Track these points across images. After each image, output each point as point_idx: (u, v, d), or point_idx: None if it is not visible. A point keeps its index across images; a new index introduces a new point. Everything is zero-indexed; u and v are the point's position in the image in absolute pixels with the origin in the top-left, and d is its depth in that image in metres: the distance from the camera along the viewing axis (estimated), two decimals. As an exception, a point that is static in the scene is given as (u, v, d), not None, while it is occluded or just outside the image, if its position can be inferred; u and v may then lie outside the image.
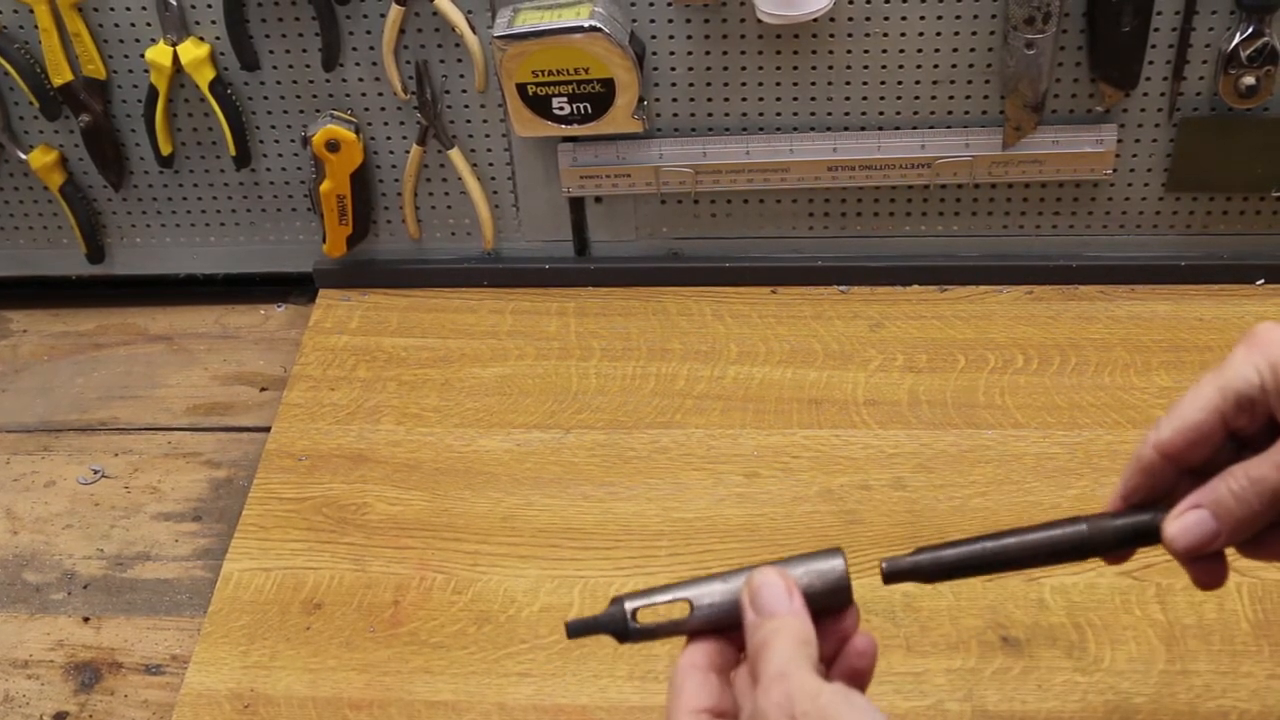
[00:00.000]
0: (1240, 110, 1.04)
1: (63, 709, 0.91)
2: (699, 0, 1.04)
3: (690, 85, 1.09)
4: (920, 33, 1.04)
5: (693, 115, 1.10)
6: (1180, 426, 0.64)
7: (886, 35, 1.04)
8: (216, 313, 1.22)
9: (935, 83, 1.07)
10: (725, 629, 0.63)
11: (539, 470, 1.01)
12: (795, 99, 1.08)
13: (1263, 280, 1.11)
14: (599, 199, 1.15)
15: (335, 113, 1.12)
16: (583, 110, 1.06)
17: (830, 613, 0.63)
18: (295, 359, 1.13)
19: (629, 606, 0.64)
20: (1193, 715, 0.82)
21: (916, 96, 1.07)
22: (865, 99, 1.08)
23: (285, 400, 1.09)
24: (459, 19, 1.05)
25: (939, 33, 1.04)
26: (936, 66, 1.06)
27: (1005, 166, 1.08)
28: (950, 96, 1.07)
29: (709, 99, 1.09)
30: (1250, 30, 1.00)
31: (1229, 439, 0.64)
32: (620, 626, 0.64)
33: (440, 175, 1.15)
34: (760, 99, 1.09)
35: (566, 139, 1.11)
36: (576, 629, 0.65)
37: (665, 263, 1.17)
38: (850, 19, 1.04)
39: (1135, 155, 1.08)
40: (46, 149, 1.15)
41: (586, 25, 1.02)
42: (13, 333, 1.22)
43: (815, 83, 1.07)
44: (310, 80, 1.11)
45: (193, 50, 1.08)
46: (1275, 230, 1.11)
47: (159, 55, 1.08)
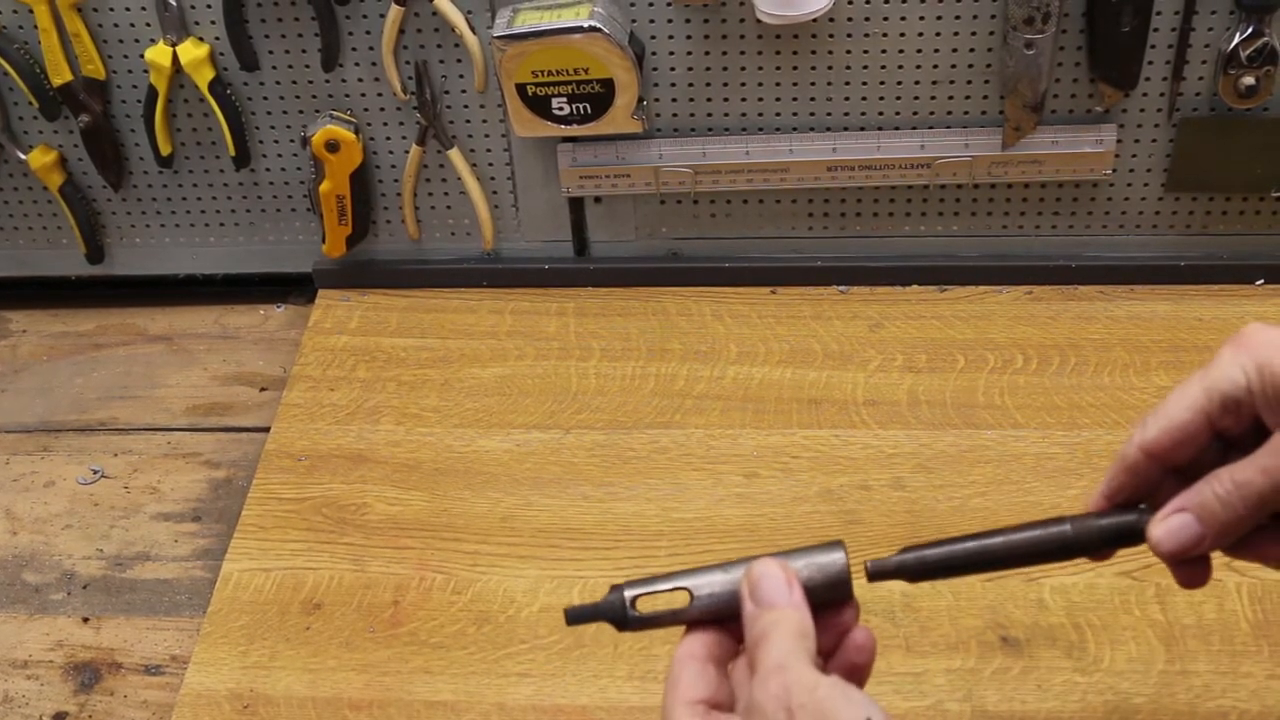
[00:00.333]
0: (1240, 110, 1.04)
1: (62, 709, 0.90)
2: (699, 0, 1.04)
3: (690, 85, 1.09)
4: (920, 33, 1.04)
5: (692, 115, 1.10)
6: (1166, 426, 0.63)
7: (886, 35, 1.04)
8: (216, 313, 1.22)
9: (935, 83, 1.07)
10: (724, 619, 0.63)
11: (538, 470, 1.01)
12: (795, 99, 1.08)
13: (1262, 280, 1.11)
14: (598, 199, 1.15)
15: (335, 113, 1.12)
16: (582, 110, 1.06)
17: (830, 606, 0.63)
18: (295, 359, 1.13)
19: (628, 595, 0.64)
20: (1192, 715, 0.82)
21: (916, 96, 1.07)
22: (865, 99, 1.08)
23: (285, 400, 1.09)
24: (459, 19, 1.05)
25: (939, 33, 1.04)
26: (936, 66, 1.06)
27: (1005, 167, 1.08)
28: (950, 97, 1.07)
29: (708, 99, 1.09)
30: (1250, 30, 1.00)
31: (1214, 439, 0.64)
32: (619, 614, 0.64)
33: (440, 175, 1.15)
34: (760, 99, 1.09)
35: (566, 139, 1.11)
36: (575, 616, 0.65)
37: (665, 263, 1.17)
38: (850, 19, 1.04)
39: (1135, 155, 1.08)
40: (46, 149, 1.15)
41: (586, 25, 1.02)
42: (12, 333, 1.22)
43: (815, 83, 1.07)
44: (310, 80, 1.11)
45: (192, 50, 1.08)
46: (1275, 230, 1.11)
47: (158, 55, 1.08)
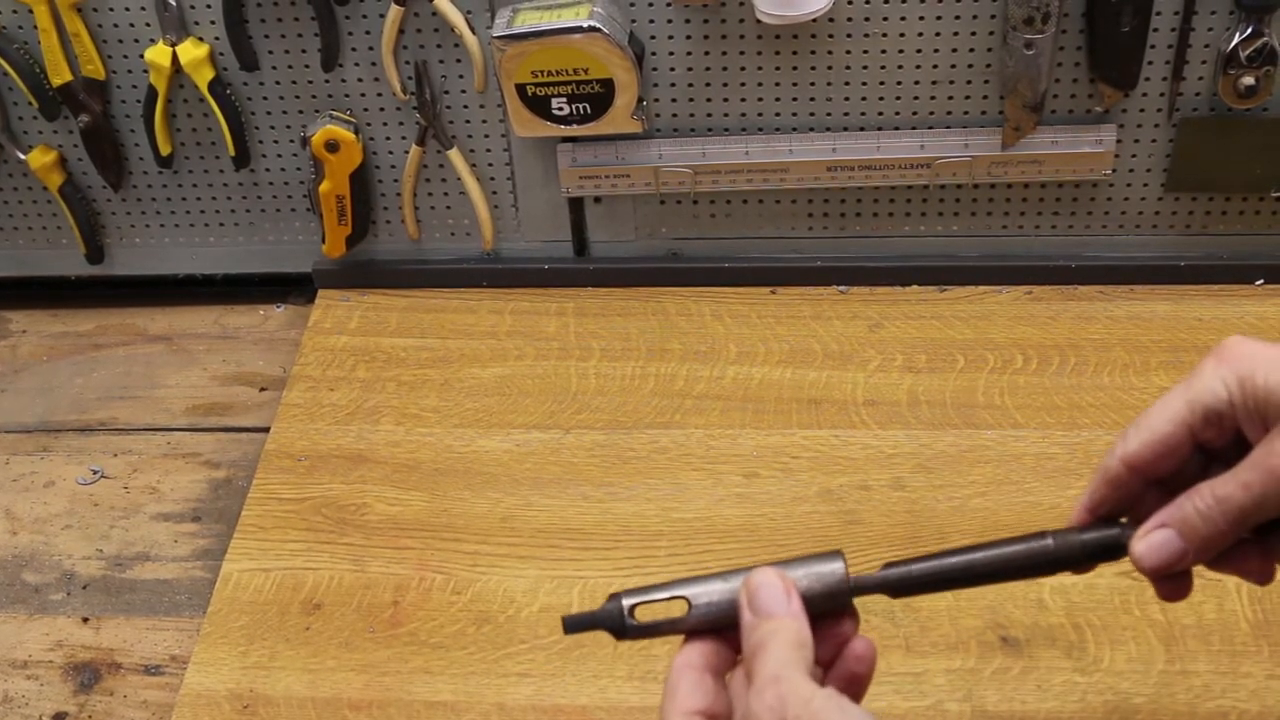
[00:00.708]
0: (1240, 110, 1.04)
1: (62, 709, 0.90)
2: (699, 0, 1.04)
3: (690, 85, 1.09)
4: (920, 33, 1.04)
5: (692, 115, 1.10)
6: (1147, 439, 0.63)
7: (886, 35, 1.04)
8: (216, 313, 1.22)
9: (935, 83, 1.07)
10: (722, 629, 0.63)
11: (538, 470, 1.01)
12: (795, 99, 1.08)
13: (1262, 280, 1.11)
14: (598, 199, 1.15)
15: (334, 113, 1.12)
16: (582, 110, 1.06)
17: (829, 616, 0.63)
18: (294, 359, 1.13)
19: (626, 603, 0.64)
20: (1192, 715, 0.82)
21: (916, 97, 1.07)
22: (865, 99, 1.08)
23: (284, 400, 1.09)
24: (458, 19, 1.05)
25: (939, 33, 1.04)
26: (936, 67, 1.06)
27: (1005, 167, 1.08)
28: (950, 97, 1.07)
29: (708, 99, 1.09)
30: (1250, 30, 1.00)
31: (1196, 451, 0.64)
32: (617, 623, 0.64)
33: (439, 175, 1.15)
34: (760, 99, 1.09)
35: (566, 139, 1.10)
36: (573, 625, 0.65)
37: (664, 263, 1.17)
38: (850, 19, 1.04)
39: (1135, 155, 1.08)
40: (46, 149, 1.15)
41: (586, 25, 1.02)
42: (12, 333, 1.22)
43: (815, 83, 1.07)
44: (309, 80, 1.11)
45: (192, 50, 1.08)
46: (1274, 230, 1.11)
47: (158, 55, 1.08)
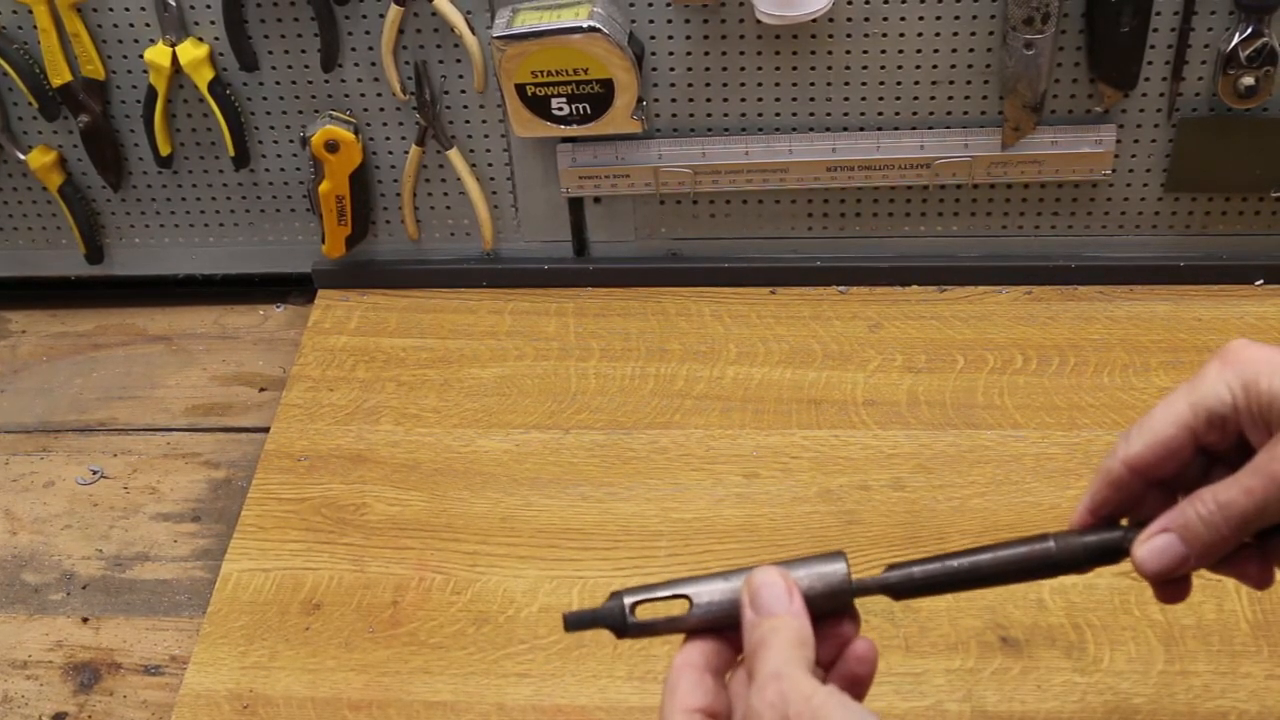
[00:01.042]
0: (1239, 110, 1.04)
1: (62, 709, 0.90)
2: (698, 0, 1.04)
3: (689, 85, 1.08)
4: (920, 33, 1.04)
5: (692, 116, 1.10)
6: (1150, 442, 0.63)
7: (886, 35, 1.04)
8: (215, 313, 1.22)
9: (935, 83, 1.07)
10: (723, 628, 0.63)
11: (538, 471, 1.01)
12: (795, 99, 1.08)
13: (1261, 280, 1.11)
14: (598, 199, 1.15)
15: (334, 113, 1.12)
16: (582, 111, 1.06)
17: (830, 616, 0.63)
18: (294, 359, 1.13)
19: (627, 601, 0.64)
20: (1192, 716, 0.82)
21: (916, 97, 1.07)
22: (865, 99, 1.08)
23: (284, 401, 1.09)
24: (458, 19, 1.05)
25: (938, 33, 1.04)
26: (936, 67, 1.06)
27: (1004, 167, 1.08)
28: (949, 97, 1.07)
29: (708, 99, 1.09)
30: (1249, 31, 1.00)
31: (1198, 454, 0.64)
32: (618, 621, 0.64)
33: (439, 176, 1.15)
34: (760, 99, 1.09)
35: (565, 139, 1.10)
36: (574, 622, 0.65)
37: (664, 263, 1.17)
38: (850, 19, 1.04)
39: (1134, 156, 1.08)
40: (45, 149, 1.15)
41: (585, 26, 1.02)
42: (11, 333, 1.22)
43: (815, 83, 1.07)
44: (309, 81, 1.11)
45: (192, 51, 1.08)
46: (1274, 230, 1.11)
47: (158, 56, 1.08)
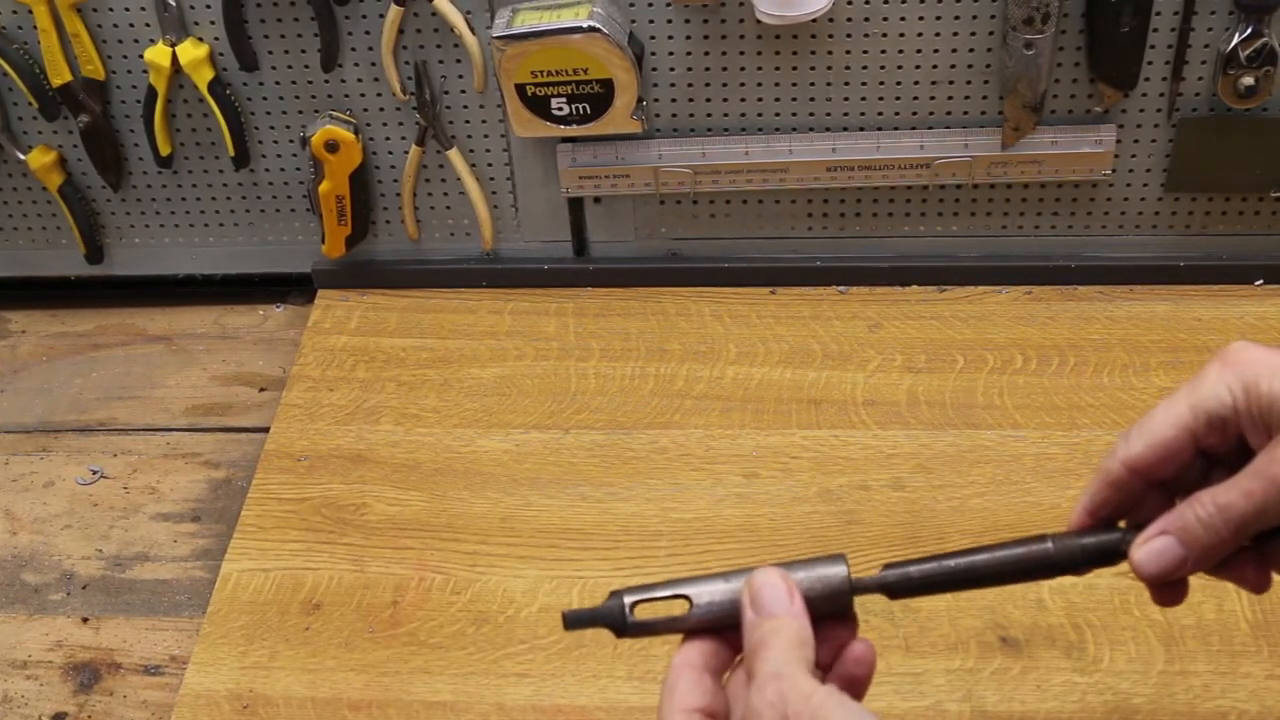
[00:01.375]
0: (1239, 111, 1.04)
1: (61, 709, 0.90)
2: (698, 0, 1.04)
3: (689, 85, 1.08)
4: (919, 33, 1.04)
5: (692, 116, 1.10)
6: (1150, 443, 0.63)
7: (886, 35, 1.04)
8: (215, 313, 1.22)
9: (934, 83, 1.07)
10: (723, 629, 0.63)
11: (538, 471, 1.01)
12: (795, 99, 1.08)
13: (1261, 280, 1.11)
14: (598, 199, 1.15)
15: (334, 113, 1.12)
16: (582, 111, 1.06)
17: (830, 619, 0.63)
18: (294, 359, 1.13)
19: (627, 600, 0.64)
20: (1191, 716, 0.82)
21: (916, 97, 1.07)
22: (864, 99, 1.08)
23: (284, 401, 1.09)
24: (458, 19, 1.05)
25: (938, 33, 1.04)
26: (936, 67, 1.06)
27: (1004, 167, 1.08)
28: (949, 97, 1.07)
29: (708, 99, 1.09)
30: (1249, 31, 1.00)
31: (1198, 456, 0.63)
32: (618, 620, 0.64)
33: (439, 176, 1.15)
34: (760, 99, 1.09)
35: (565, 139, 1.10)
36: (573, 621, 0.65)
37: (664, 263, 1.17)
38: (850, 19, 1.04)
39: (1134, 156, 1.08)
40: (45, 149, 1.15)
41: (585, 26, 1.02)
42: (11, 333, 1.22)
43: (815, 83, 1.07)
44: (309, 81, 1.11)
45: (192, 51, 1.08)
46: (1274, 230, 1.11)
47: (158, 56, 1.08)
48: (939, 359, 1.07)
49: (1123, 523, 0.66)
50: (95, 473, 1.07)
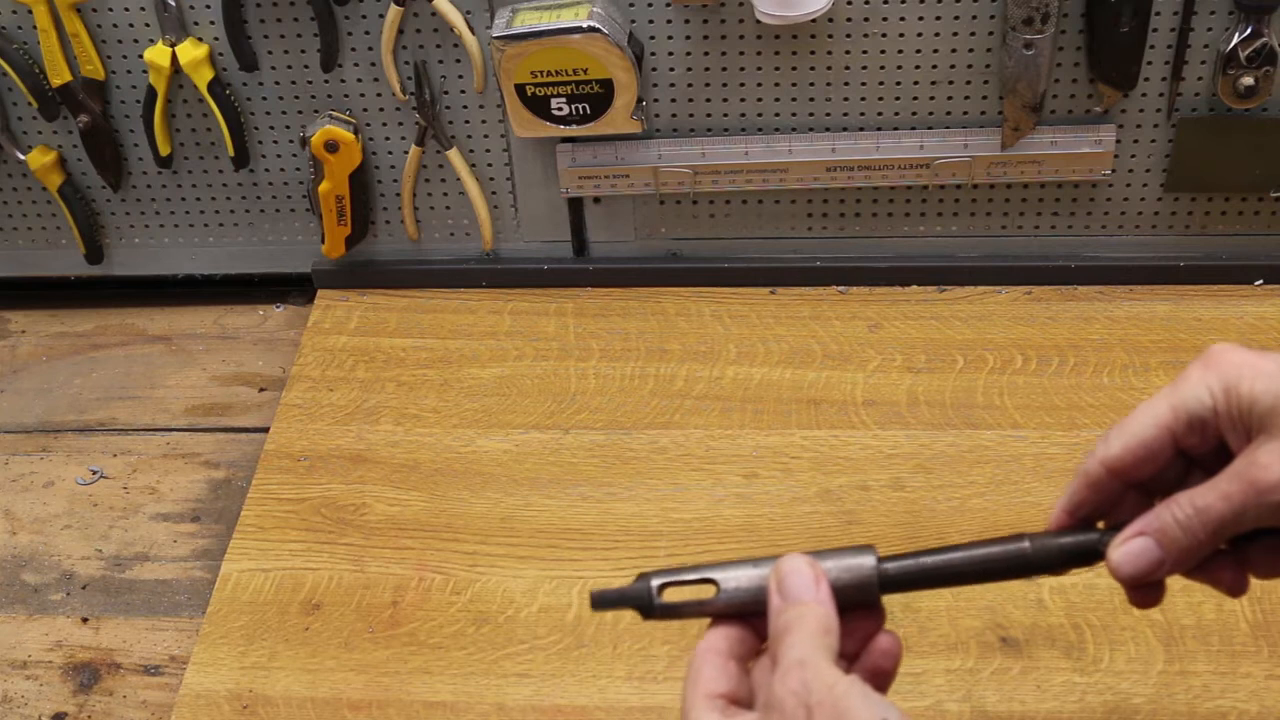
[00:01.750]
0: (1239, 111, 1.04)
1: (61, 709, 0.90)
2: (698, 0, 1.04)
3: (689, 86, 1.09)
4: (919, 33, 1.04)
5: (691, 116, 1.10)
6: (1130, 444, 0.63)
7: (885, 35, 1.04)
8: (215, 313, 1.22)
9: (934, 83, 1.07)
10: (749, 614, 0.63)
11: (538, 471, 1.01)
12: (794, 99, 1.08)
13: (1261, 281, 1.11)
14: (598, 199, 1.15)
15: (334, 113, 1.12)
16: (581, 111, 1.06)
17: (856, 609, 0.63)
18: (294, 359, 1.13)
19: (655, 583, 0.64)
20: (1191, 716, 0.82)
21: (915, 97, 1.07)
22: (864, 99, 1.08)
23: (284, 401, 1.09)
24: (458, 19, 1.05)
25: (938, 33, 1.04)
26: (935, 67, 1.06)
27: (1004, 167, 1.08)
28: (949, 97, 1.07)
29: (708, 99, 1.09)
30: (1249, 31, 1.00)
31: (1178, 457, 0.63)
32: (645, 602, 0.64)
33: (439, 176, 1.15)
34: (759, 99, 1.09)
35: (565, 139, 1.10)
36: (601, 600, 0.64)
37: (664, 263, 1.17)
38: (849, 19, 1.04)
39: (1134, 156, 1.08)
40: (45, 149, 1.15)
41: (585, 26, 1.02)
42: (11, 333, 1.22)
43: (814, 83, 1.07)
44: (309, 81, 1.11)
45: (191, 51, 1.08)
46: (1274, 231, 1.11)
47: (158, 56, 1.08)
48: (939, 359, 1.07)
49: (1102, 524, 0.66)
50: (95, 473, 1.07)
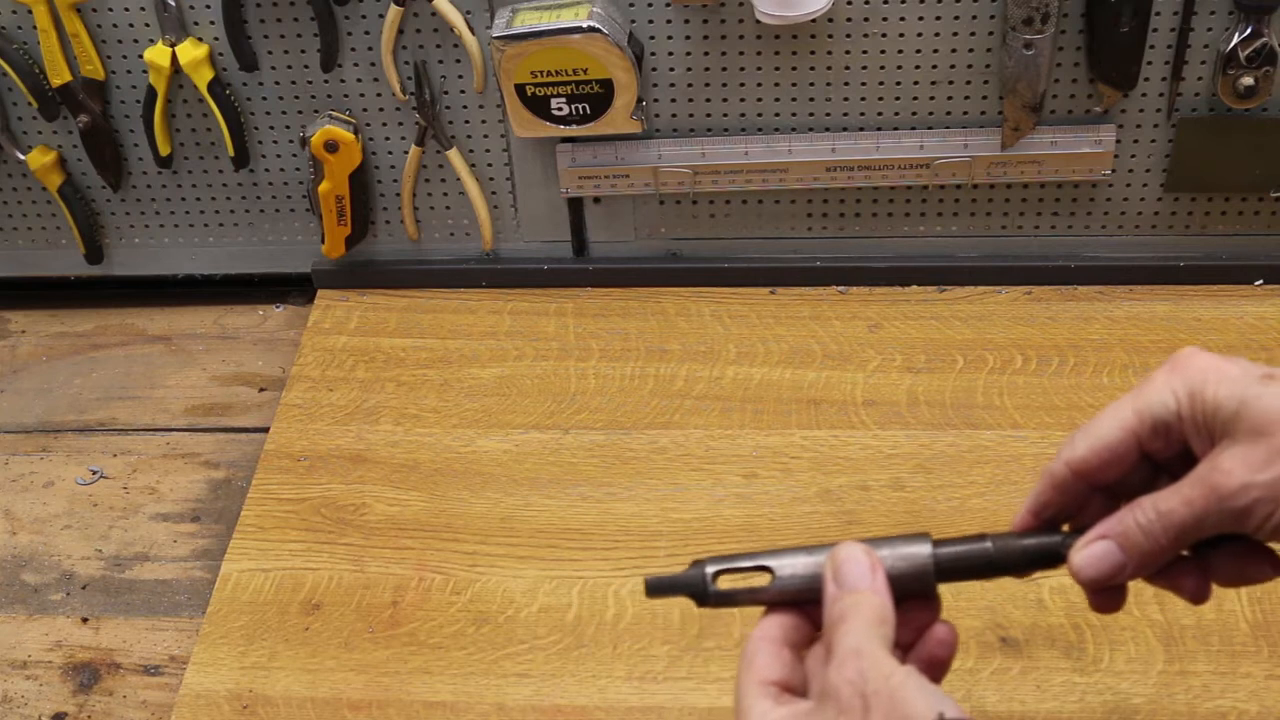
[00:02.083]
0: (1239, 111, 1.04)
1: (61, 710, 0.90)
2: (698, 0, 1.04)
3: (689, 86, 1.09)
4: (919, 33, 1.04)
5: (691, 116, 1.10)
6: (1094, 446, 0.63)
7: (885, 35, 1.04)
8: (215, 313, 1.22)
9: (934, 83, 1.07)
10: (802, 602, 0.63)
11: (537, 471, 1.01)
12: (794, 99, 1.08)
13: (1261, 281, 1.11)
14: (598, 199, 1.15)
15: (334, 113, 1.12)
16: (581, 111, 1.06)
17: (912, 598, 0.62)
18: (294, 359, 1.13)
19: (709, 570, 0.64)
20: (1191, 716, 0.82)
21: (915, 97, 1.07)
22: (864, 99, 1.08)
23: (284, 401, 1.09)
24: (458, 19, 1.05)
25: (938, 33, 1.04)
26: (935, 67, 1.06)
27: (1004, 167, 1.08)
28: (949, 97, 1.07)
29: (708, 99, 1.09)
30: (1249, 31, 1.00)
31: (1143, 460, 0.63)
32: (699, 589, 0.64)
33: (439, 176, 1.15)
34: (759, 99, 1.09)
35: (565, 139, 1.10)
36: (655, 587, 0.64)
37: (664, 263, 1.17)
38: (849, 19, 1.04)
39: (1134, 156, 1.08)
40: (45, 150, 1.15)
41: (585, 26, 1.02)
42: (11, 333, 1.22)
43: (814, 83, 1.07)
44: (309, 81, 1.11)
45: (191, 51, 1.08)
46: (1274, 231, 1.11)
47: (157, 56, 1.08)
48: (939, 359, 1.07)
49: (1066, 526, 0.65)
50: (95, 473, 1.07)
